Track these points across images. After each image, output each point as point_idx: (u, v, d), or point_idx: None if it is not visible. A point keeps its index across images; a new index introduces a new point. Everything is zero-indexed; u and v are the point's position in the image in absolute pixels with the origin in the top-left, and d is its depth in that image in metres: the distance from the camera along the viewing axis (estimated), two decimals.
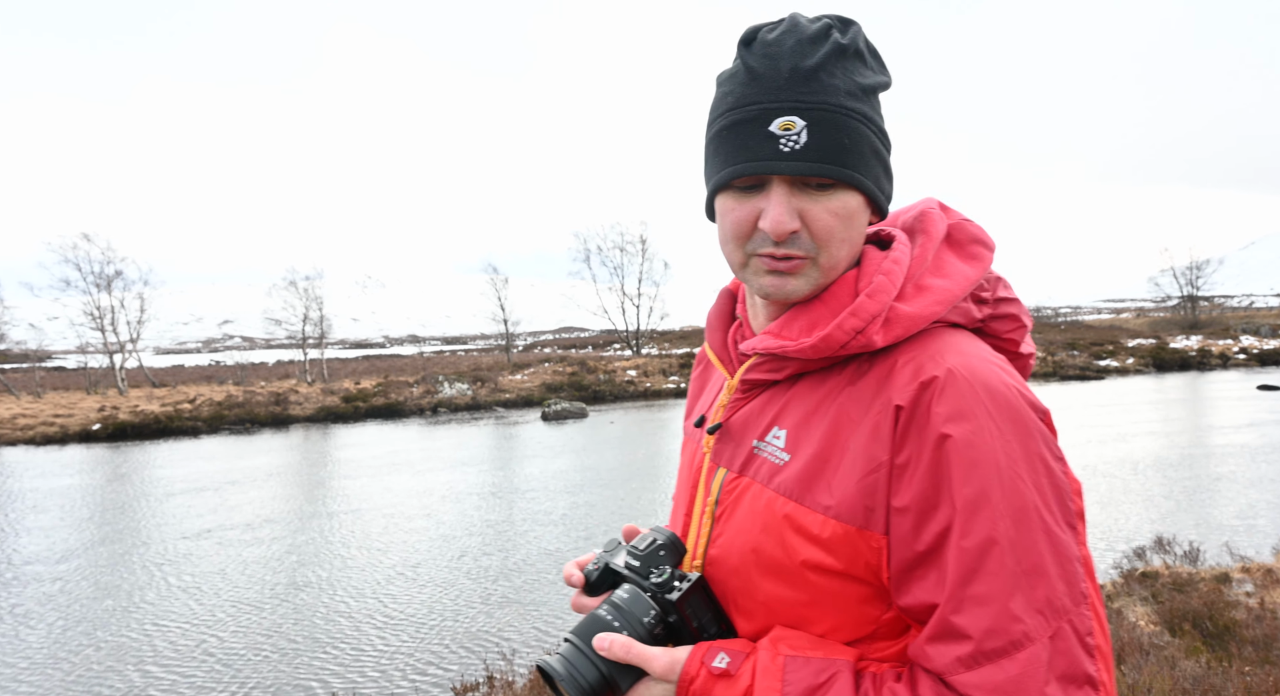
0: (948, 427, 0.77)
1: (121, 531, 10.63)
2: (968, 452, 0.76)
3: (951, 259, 0.92)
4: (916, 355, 0.83)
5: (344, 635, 6.60)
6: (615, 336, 64.46)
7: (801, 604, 0.85)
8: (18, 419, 23.80)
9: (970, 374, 0.79)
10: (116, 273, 37.49)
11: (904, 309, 0.85)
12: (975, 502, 0.75)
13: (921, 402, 0.79)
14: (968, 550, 0.74)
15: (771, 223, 0.83)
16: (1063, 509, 0.77)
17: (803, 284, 0.87)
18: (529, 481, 12.97)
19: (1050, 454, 0.78)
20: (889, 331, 0.85)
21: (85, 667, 6.17)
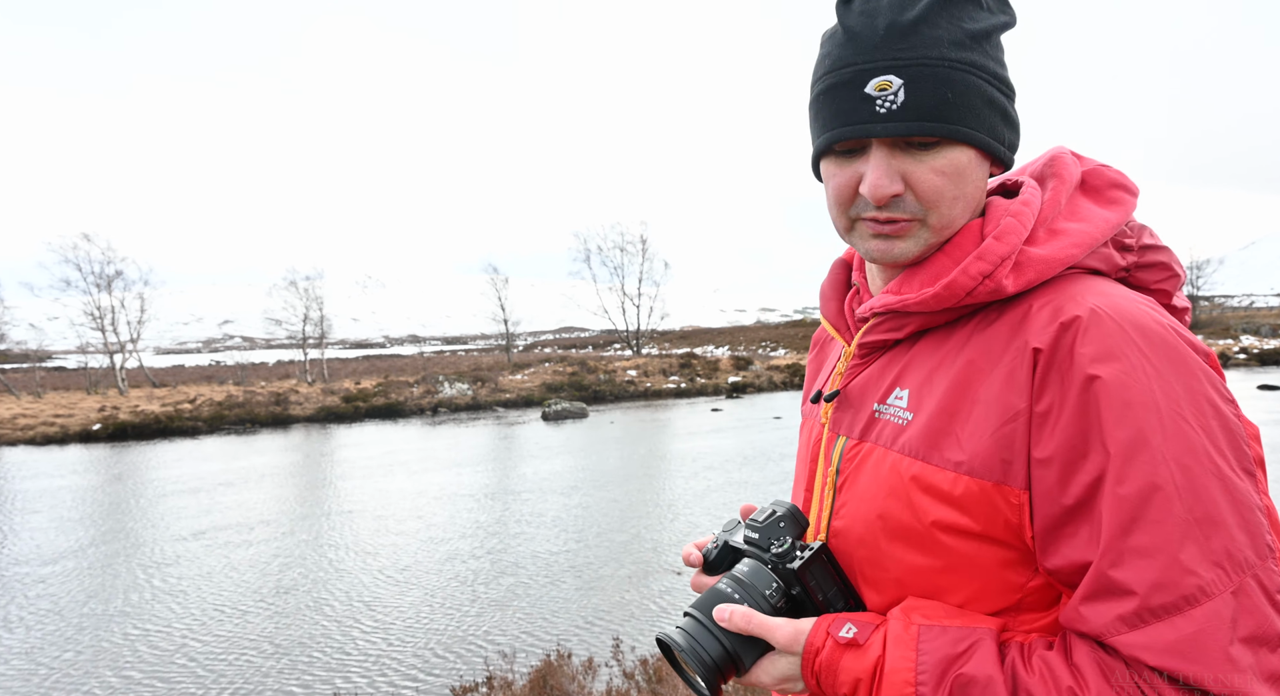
0: (1095, 368, 0.70)
1: (112, 533, 10.62)
2: (1121, 393, 0.69)
3: (1088, 204, 0.85)
4: (1054, 298, 0.77)
5: (344, 635, 6.60)
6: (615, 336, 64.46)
7: (935, 571, 0.78)
8: (18, 419, 23.80)
9: (1117, 312, 0.73)
10: (117, 273, 37.50)
11: (1036, 252, 0.79)
12: (1133, 446, 0.68)
13: (1063, 344, 0.72)
14: (1126, 497, 0.67)
15: (870, 188, 0.80)
16: (1237, 454, 0.69)
17: (911, 246, 0.84)
18: (529, 481, 12.96)
19: (1219, 395, 0.71)
20: (1020, 276, 0.79)
21: (62, 673, 6.17)
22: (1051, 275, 0.79)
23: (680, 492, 11.51)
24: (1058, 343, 0.73)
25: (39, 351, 40.86)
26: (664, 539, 9.01)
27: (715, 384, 30.48)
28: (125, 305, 37.74)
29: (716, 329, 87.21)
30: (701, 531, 9.20)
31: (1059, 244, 0.80)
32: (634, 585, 7.40)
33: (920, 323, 0.86)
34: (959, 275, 0.79)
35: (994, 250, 0.79)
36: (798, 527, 0.89)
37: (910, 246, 0.84)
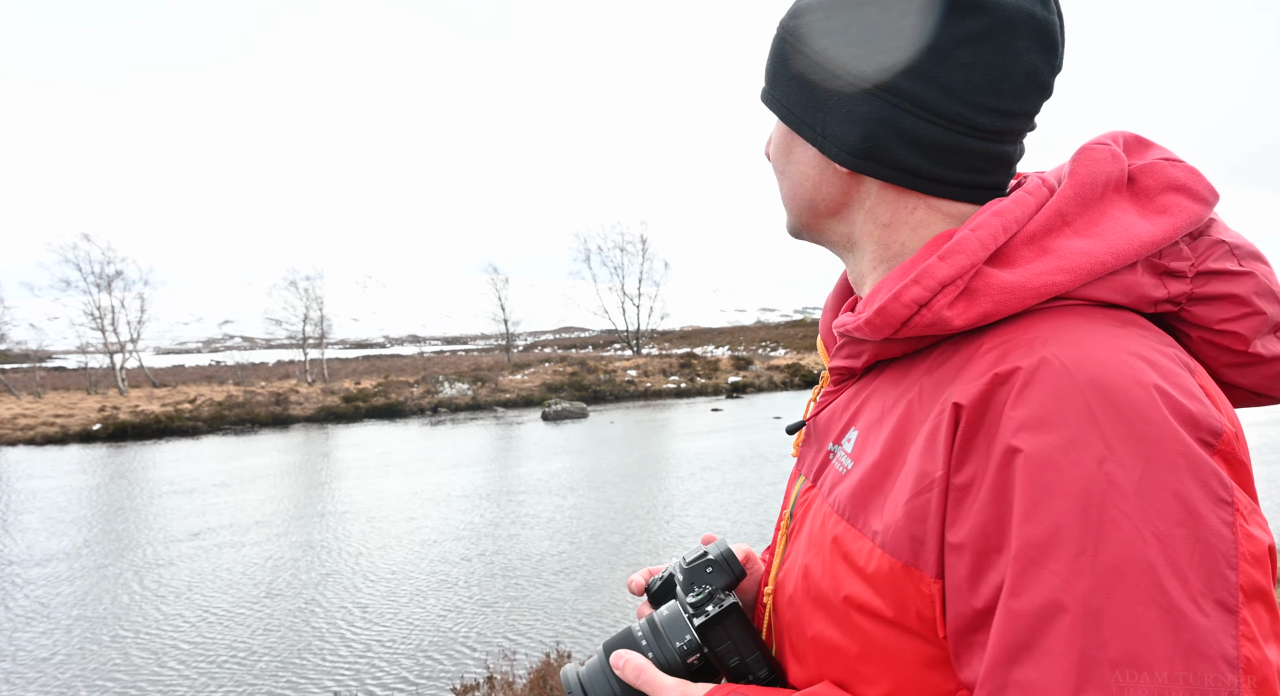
0: (1020, 438, 0.54)
1: (103, 535, 10.62)
2: (1041, 475, 0.52)
3: (1119, 211, 0.65)
4: (1010, 338, 0.60)
5: (343, 636, 6.60)
6: (615, 336, 64.49)
7: (852, 656, 0.65)
8: (18, 419, 23.80)
9: (1078, 366, 0.55)
10: (117, 273, 37.53)
11: (1002, 277, 0.61)
12: (1040, 548, 0.51)
13: (993, 402, 0.56)
14: (1019, 615, 0.51)
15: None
16: (1208, 578, 0.49)
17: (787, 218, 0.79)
18: (529, 482, 12.97)
19: (1203, 494, 0.51)
20: (973, 306, 0.62)
21: (50, 677, 6.17)
22: (1020, 308, 0.61)
23: (679, 493, 11.51)
24: (988, 400, 0.57)
25: (39, 351, 40.91)
26: (663, 539, 9.01)
27: (715, 384, 30.50)
28: (125, 305, 37.76)
29: (716, 329, 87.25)
30: (697, 533, 9.20)
31: (1040, 267, 0.61)
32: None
33: (874, 352, 0.72)
34: (890, 301, 0.64)
35: (934, 272, 0.62)
36: (726, 576, 0.78)
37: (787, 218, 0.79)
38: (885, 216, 0.71)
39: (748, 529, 9.24)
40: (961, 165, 0.68)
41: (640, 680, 0.71)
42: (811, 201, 0.74)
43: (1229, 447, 0.54)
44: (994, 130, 0.67)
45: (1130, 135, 0.71)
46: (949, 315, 0.62)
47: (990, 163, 0.68)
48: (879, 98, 0.67)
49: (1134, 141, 0.70)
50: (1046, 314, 0.62)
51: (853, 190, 0.72)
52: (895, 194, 0.70)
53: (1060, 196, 0.65)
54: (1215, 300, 0.65)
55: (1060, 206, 0.64)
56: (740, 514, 10.04)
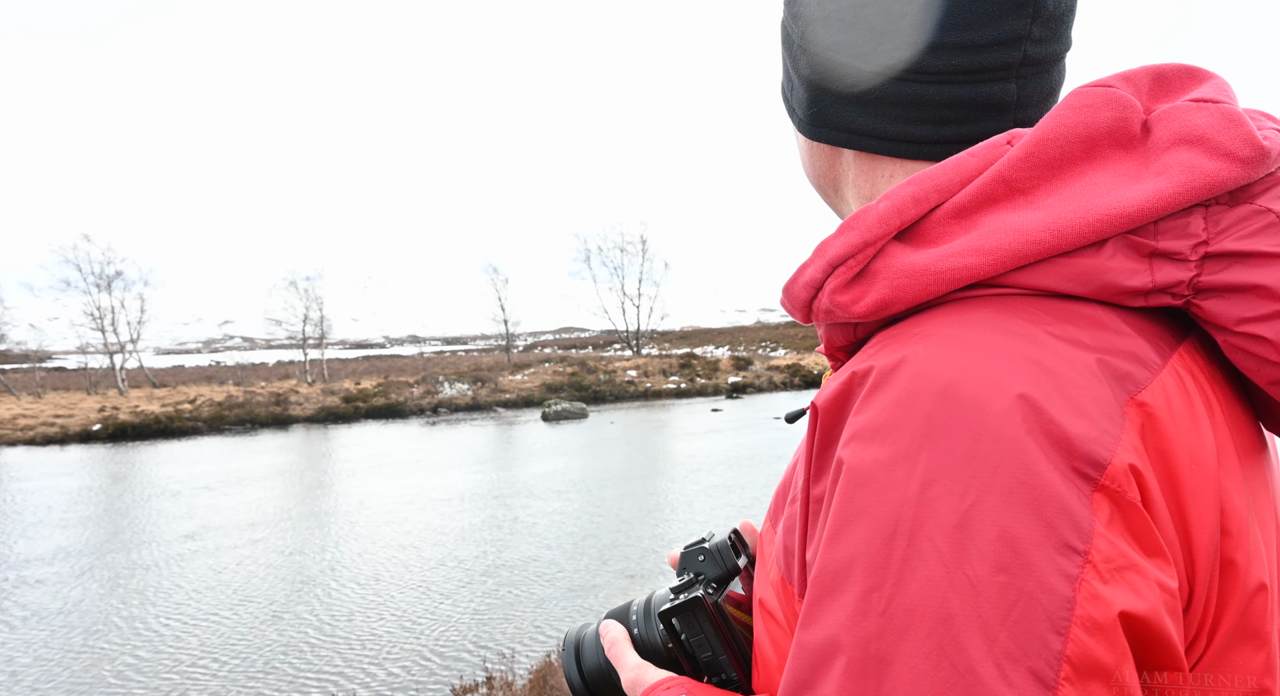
0: (847, 449, 0.46)
1: (102, 535, 10.63)
2: (855, 493, 0.44)
3: (1102, 174, 0.49)
4: (897, 334, 0.50)
5: (343, 636, 6.60)
6: (615, 336, 64.53)
7: (773, 666, 0.59)
8: (18, 419, 23.82)
9: (933, 369, 0.45)
10: (117, 273, 37.59)
11: (907, 257, 0.50)
12: (835, 577, 0.44)
13: (845, 405, 0.49)
14: (803, 648, 0.45)
15: None
16: (1023, 639, 0.39)
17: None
18: (529, 482, 12.97)
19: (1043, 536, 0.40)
20: (870, 291, 0.51)
21: (32, 683, 6.17)
22: (928, 296, 0.50)
23: (680, 493, 11.52)
24: (842, 402, 0.49)
25: (39, 352, 40.95)
26: (663, 538, 9.02)
27: (715, 384, 30.51)
28: (125, 305, 37.81)
29: (716, 329, 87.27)
30: (697, 532, 9.21)
31: (952, 247, 0.49)
32: (634, 584, 7.40)
33: (825, 337, 0.62)
34: (791, 282, 0.56)
35: (826, 249, 0.53)
36: (717, 568, 0.74)
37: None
38: (866, 189, 0.62)
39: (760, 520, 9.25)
40: (922, 118, 0.57)
41: (611, 653, 0.70)
42: (814, 180, 0.70)
43: (1116, 484, 0.42)
44: (954, 70, 0.55)
45: (1175, 68, 0.54)
46: (844, 300, 0.52)
47: (964, 110, 0.56)
48: (812, 53, 0.60)
49: (1179, 76, 0.53)
50: (955, 305, 0.50)
51: (836, 164, 0.65)
52: (869, 162, 0.62)
53: (1008, 157, 0.50)
54: (1231, 292, 0.48)
55: (1004, 170, 0.50)
56: (747, 511, 10.04)
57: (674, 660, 0.71)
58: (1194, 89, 0.53)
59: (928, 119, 0.57)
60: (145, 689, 5.75)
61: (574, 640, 0.76)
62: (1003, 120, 0.57)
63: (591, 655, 0.74)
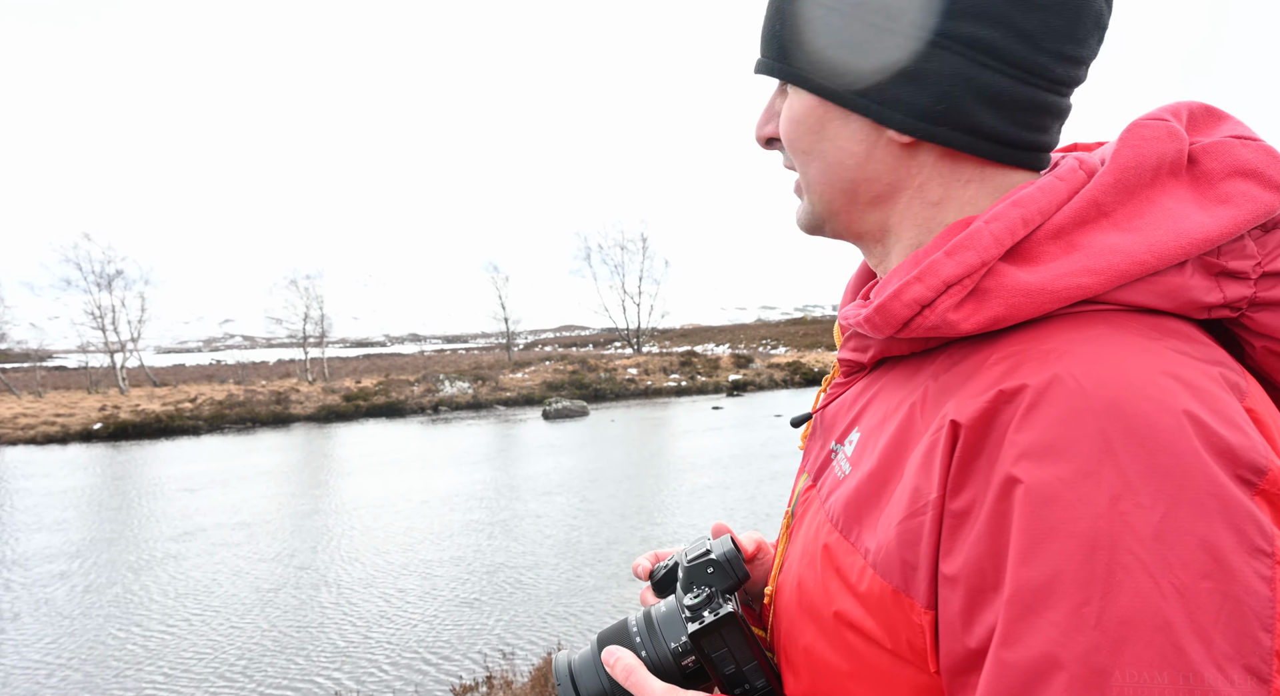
0: (1021, 467, 0.47)
1: (100, 535, 10.63)
2: (1044, 512, 0.46)
3: (1172, 201, 0.55)
4: (1024, 349, 0.53)
5: (343, 635, 6.60)
6: (616, 335, 64.54)
7: (843, 674, 0.60)
8: (19, 418, 23.82)
9: (1094, 386, 0.48)
10: (117, 272, 37.60)
11: (1019, 277, 0.54)
12: (1038, 595, 0.45)
13: (996, 423, 0.50)
14: (1010, 667, 0.45)
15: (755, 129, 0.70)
16: (1236, 639, 0.42)
17: (802, 211, 0.69)
18: (529, 480, 12.97)
19: (1237, 542, 0.43)
20: (983, 309, 0.54)
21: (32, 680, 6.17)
22: (1038, 313, 0.54)
23: (680, 491, 11.52)
24: (990, 420, 0.50)
25: (40, 351, 40.99)
26: (664, 537, 9.01)
27: (716, 382, 30.50)
28: (126, 304, 37.81)
29: (717, 327, 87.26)
30: (697, 530, 9.21)
31: (1064, 267, 0.53)
32: (634, 583, 7.40)
33: (879, 349, 0.66)
34: (889, 299, 0.57)
35: (939, 269, 0.55)
36: (728, 579, 0.73)
37: (802, 211, 0.69)
38: (936, 193, 0.62)
39: (748, 521, 9.24)
40: (1034, 124, 0.60)
41: (629, 681, 0.68)
42: (853, 184, 0.64)
43: (1276, 488, 0.45)
44: (1065, 80, 0.60)
45: (1199, 106, 0.60)
46: (955, 318, 0.55)
47: (1056, 118, 0.61)
48: (950, 50, 0.58)
49: (1203, 114, 0.59)
50: (1069, 321, 0.53)
51: (905, 165, 0.62)
52: (950, 165, 0.61)
53: (1097, 183, 0.55)
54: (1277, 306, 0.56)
55: (1096, 195, 0.55)
56: (740, 508, 10.03)
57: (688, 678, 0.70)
58: (1217, 125, 0.59)
59: (1038, 125, 0.60)
60: (145, 689, 5.75)
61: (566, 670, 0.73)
62: (1057, 130, 0.62)
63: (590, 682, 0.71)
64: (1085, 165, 0.59)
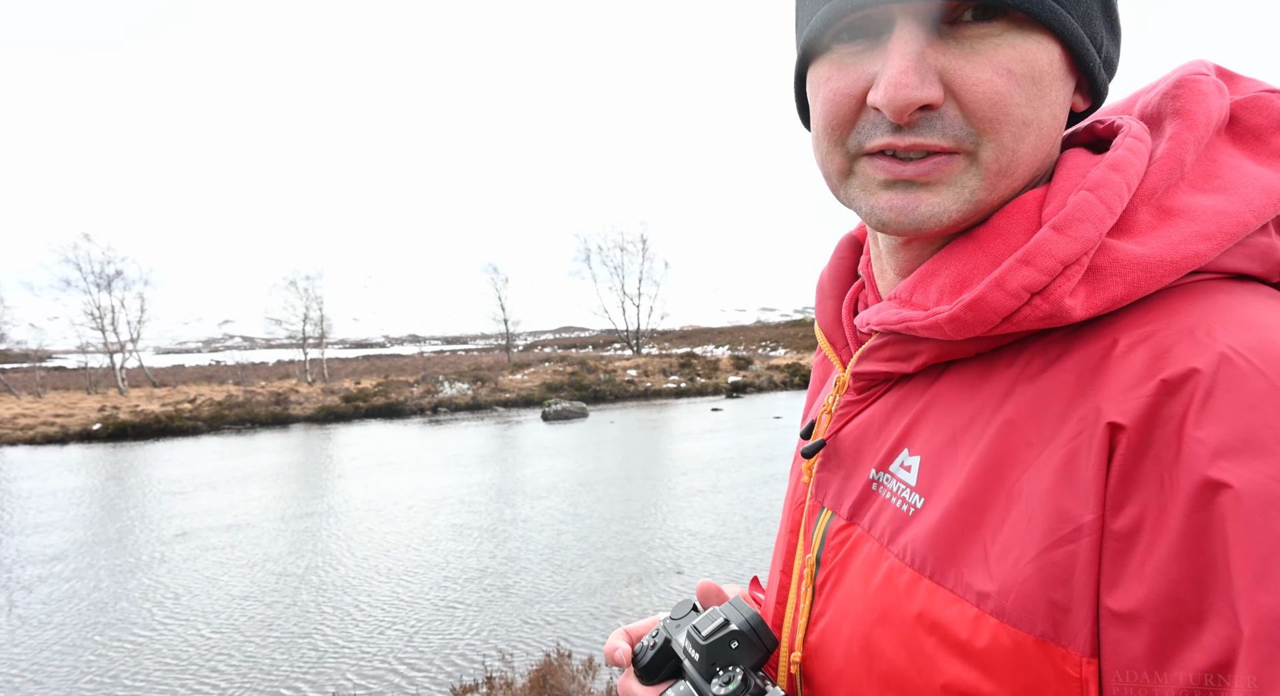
0: (1222, 468, 0.39)
1: (98, 535, 10.62)
2: (1269, 521, 0.37)
3: (1236, 158, 0.50)
4: (1157, 329, 0.45)
5: (342, 636, 6.60)
6: (615, 336, 64.59)
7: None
8: (18, 418, 23.82)
9: (1270, 361, 0.41)
10: (117, 272, 37.62)
11: (1131, 250, 0.47)
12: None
13: (1164, 419, 0.42)
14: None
15: (888, 87, 0.48)
16: None
17: (949, 201, 0.51)
18: (528, 481, 12.97)
19: None
20: (1100, 291, 0.47)
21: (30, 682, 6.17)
22: (1155, 288, 0.47)
23: (680, 492, 11.52)
24: (1155, 416, 0.42)
25: (39, 351, 40.97)
26: (663, 539, 9.02)
27: (715, 383, 30.52)
28: (125, 305, 37.83)
29: (716, 328, 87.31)
30: (697, 531, 9.21)
31: (1175, 234, 0.47)
32: (634, 584, 7.41)
33: (938, 352, 0.55)
34: (989, 289, 0.48)
35: (1052, 248, 0.47)
36: (756, 652, 0.60)
37: (946, 203, 0.51)
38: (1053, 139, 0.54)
39: (742, 525, 9.23)
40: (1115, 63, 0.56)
41: None
42: (1046, 162, 0.53)
43: None
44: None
45: (1215, 66, 0.56)
46: (1070, 304, 0.47)
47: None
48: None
49: (1221, 72, 0.56)
50: (1187, 293, 0.47)
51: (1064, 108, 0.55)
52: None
53: (1177, 141, 0.50)
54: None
55: (1181, 153, 0.50)
56: (734, 513, 10.04)
57: None
58: (1243, 81, 0.54)
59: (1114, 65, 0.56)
60: (144, 689, 5.76)
61: None
62: None
63: None
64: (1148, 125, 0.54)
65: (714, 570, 7.64)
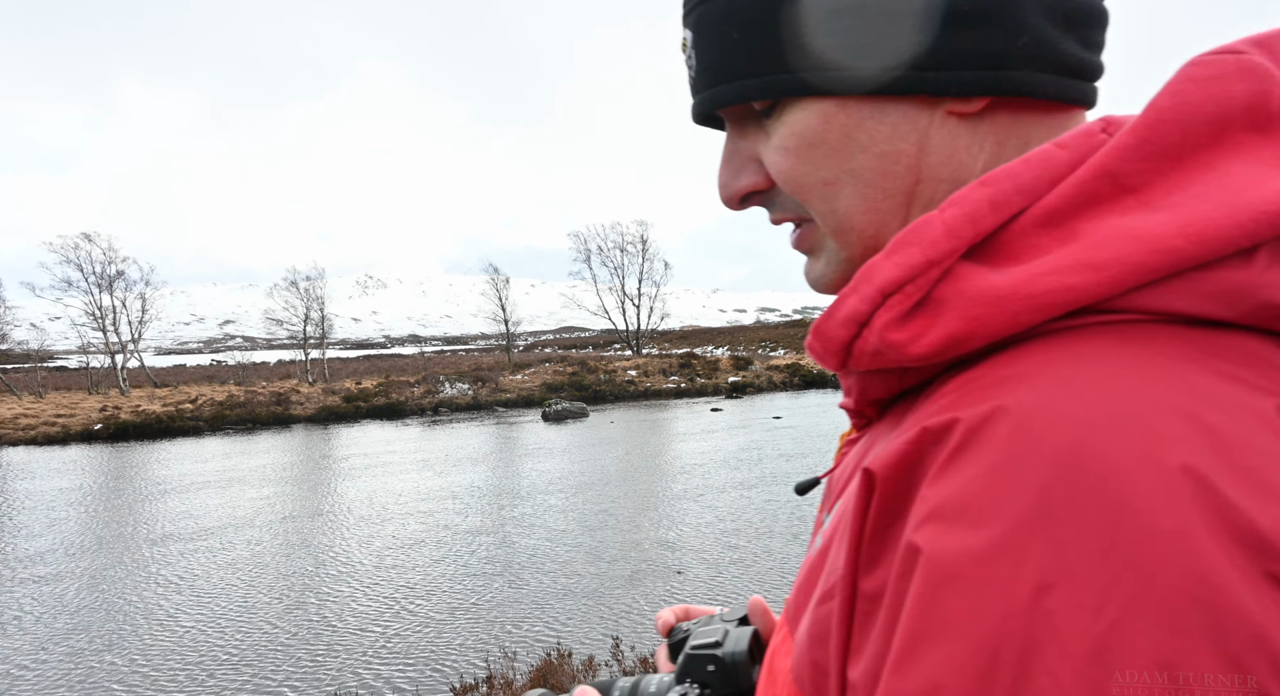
0: (925, 532, 0.34)
1: (97, 535, 10.66)
2: (935, 598, 0.32)
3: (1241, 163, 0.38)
4: (980, 377, 0.38)
5: (341, 635, 6.64)
6: (615, 336, 64.57)
7: None
8: (20, 419, 23.86)
9: (1051, 423, 0.33)
10: (118, 273, 37.69)
11: (985, 279, 0.39)
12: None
13: (917, 470, 0.37)
14: None
15: (718, 186, 0.53)
16: None
17: (824, 265, 0.51)
18: (528, 481, 13.00)
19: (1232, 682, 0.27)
20: (935, 325, 0.40)
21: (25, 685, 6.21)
22: (1016, 328, 0.38)
23: (680, 492, 11.55)
24: (910, 467, 0.37)
25: (40, 351, 41.04)
26: (663, 539, 9.05)
27: (715, 384, 30.55)
28: (127, 305, 37.89)
29: (716, 329, 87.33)
30: (697, 531, 9.23)
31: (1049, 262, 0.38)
32: (633, 584, 7.44)
33: (859, 387, 0.50)
34: (823, 318, 0.45)
35: (875, 274, 0.42)
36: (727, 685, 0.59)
37: (823, 267, 0.51)
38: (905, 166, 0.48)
39: (731, 527, 9.27)
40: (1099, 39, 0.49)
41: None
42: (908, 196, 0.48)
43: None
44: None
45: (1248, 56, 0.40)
46: (899, 339, 0.41)
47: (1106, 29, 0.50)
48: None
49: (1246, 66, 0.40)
50: (1059, 338, 0.38)
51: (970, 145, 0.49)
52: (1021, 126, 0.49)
53: (1113, 145, 0.39)
54: None
55: (1108, 161, 0.39)
56: (743, 512, 10.07)
57: None
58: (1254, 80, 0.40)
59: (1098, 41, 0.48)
60: (143, 688, 5.79)
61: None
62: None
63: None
64: (1111, 128, 0.43)
65: (712, 572, 7.68)
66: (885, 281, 0.41)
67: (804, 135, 0.47)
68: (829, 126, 0.46)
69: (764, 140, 0.49)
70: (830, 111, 0.46)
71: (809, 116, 0.46)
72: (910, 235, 0.41)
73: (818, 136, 0.46)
